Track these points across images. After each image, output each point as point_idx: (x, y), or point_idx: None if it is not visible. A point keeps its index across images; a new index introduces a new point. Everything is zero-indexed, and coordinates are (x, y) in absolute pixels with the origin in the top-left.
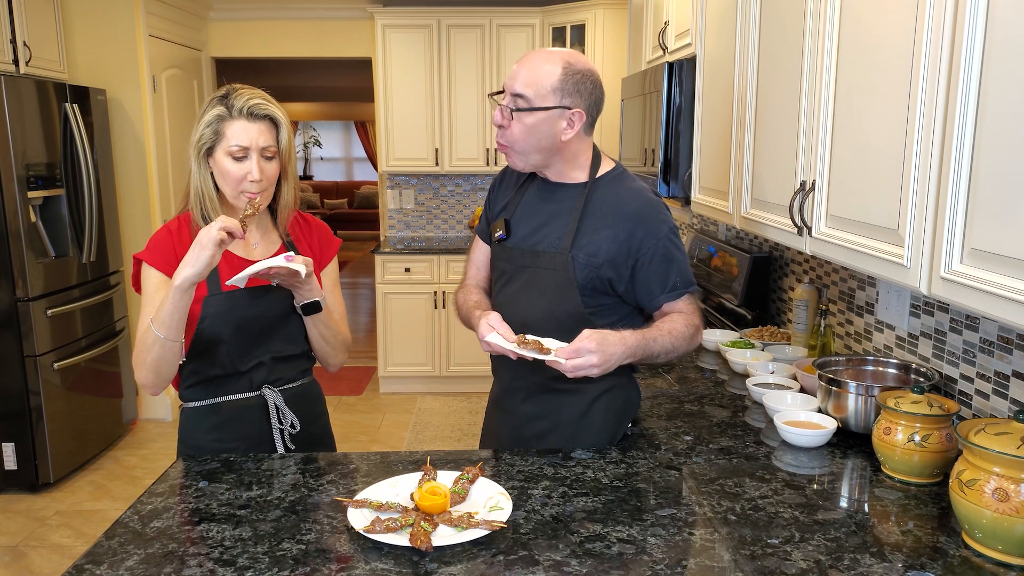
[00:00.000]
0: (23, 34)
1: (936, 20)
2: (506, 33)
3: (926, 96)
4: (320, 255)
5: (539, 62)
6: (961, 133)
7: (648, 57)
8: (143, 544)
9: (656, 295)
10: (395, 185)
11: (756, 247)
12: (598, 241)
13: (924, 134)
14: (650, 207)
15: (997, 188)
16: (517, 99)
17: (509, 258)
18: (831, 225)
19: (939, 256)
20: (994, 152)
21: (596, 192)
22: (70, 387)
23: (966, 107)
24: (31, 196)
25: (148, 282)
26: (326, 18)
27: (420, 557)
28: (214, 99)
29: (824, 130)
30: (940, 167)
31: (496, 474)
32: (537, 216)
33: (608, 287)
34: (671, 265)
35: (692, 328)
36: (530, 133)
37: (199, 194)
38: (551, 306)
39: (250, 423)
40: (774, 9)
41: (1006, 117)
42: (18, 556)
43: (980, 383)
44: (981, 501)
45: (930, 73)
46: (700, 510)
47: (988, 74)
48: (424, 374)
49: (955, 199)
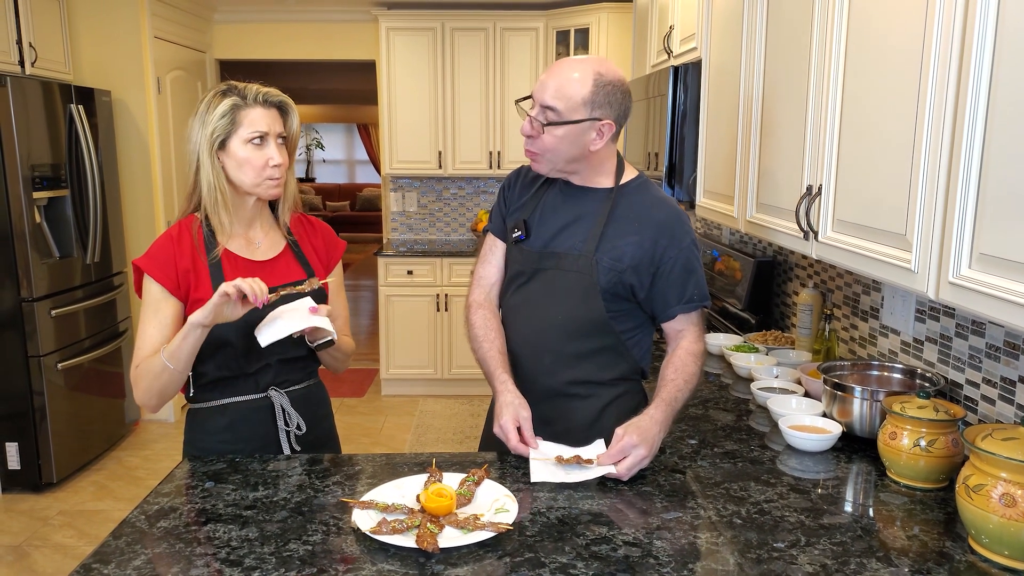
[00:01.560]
0: (29, 35)
1: (946, 21)
2: (510, 37)
3: (935, 99)
4: (326, 258)
5: (569, 73)
6: (970, 137)
7: (653, 61)
8: (150, 544)
9: (672, 305)
10: (398, 188)
11: (760, 251)
12: (623, 246)
13: (933, 137)
14: (676, 217)
15: (1006, 192)
16: (547, 111)
17: (526, 259)
18: (838, 230)
19: (947, 261)
20: (1003, 156)
21: (622, 199)
22: (73, 387)
23: (975, 110)
24: (36, 197)
25: (148, 293)
26: (330, 21)
27: (426, 558)
28: (216, 94)
29: (831, 133)
30: (949, 171)
31: (502, 476)
32: (559, 219)
33: (630, 293)
34: (690, 276)
35: (700, 359)
36: (560, 143)
37: (213, 190)
38: (572, 309)
39: (256, 425)
40: (781, 13)
41: (1016, 121)
42: (21, 556)
43: (986, 388)
44: (988, 506)
45: (939, 74)
46: (705, 514)
47: (998, 77)
48: (426, 376)
49: (964, 203)
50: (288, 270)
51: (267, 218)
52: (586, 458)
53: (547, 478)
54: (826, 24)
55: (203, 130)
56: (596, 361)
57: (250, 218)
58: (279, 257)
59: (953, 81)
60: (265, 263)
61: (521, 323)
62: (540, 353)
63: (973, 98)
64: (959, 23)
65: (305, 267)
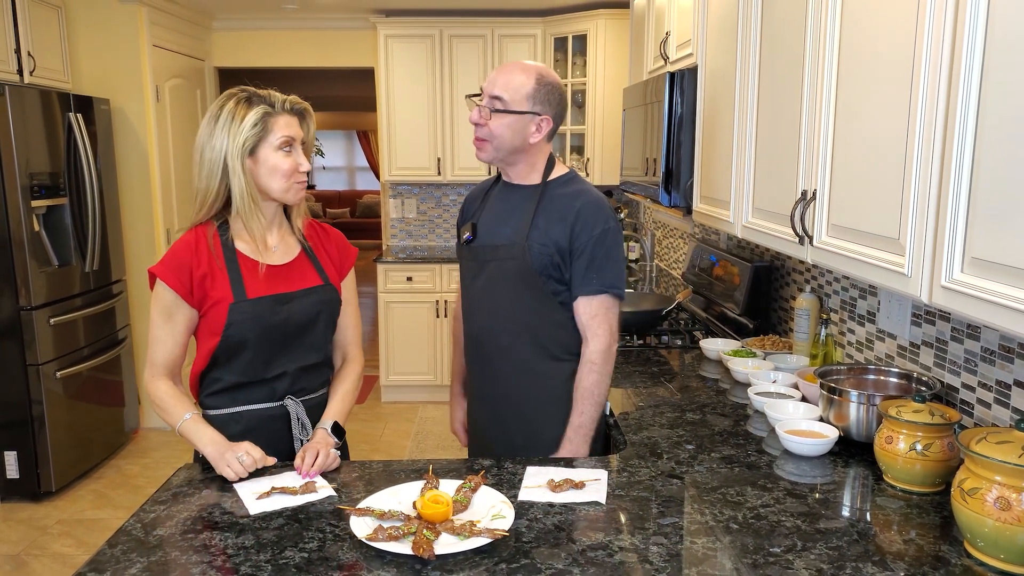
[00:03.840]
0: (28, 44)
1: (936, 29)
2: (508, 43)
3: (926, 105)
4: (339, 265)
5: (515, 72)
6: (961, 142)
7: (649, 67)
8: (146, 552)
9: (576, 286)
10: (397, 194)
11: (757, 256)
12: (550, 232)
13: (924, 143)
14: (592, 206)
15: (997, 197)
16: (495, 101)
17: (474, 257)
18: (832, 234)
19: (940, 265)
20: (994, 161)
21: (548, 192)
22: (72, 396)
23: (966, 115)
24: (35, 205)
25: (161, 300)
26: (329, 28)
27: (423, 565)
28: (239, 102)
29: (825, 139)
30: (940, 176)
31: (498, 483)
32: (497, 217)
33: (560, 274)
34: (593, 262)
35: (597, 364)
36: (504, 131)
37: (245, 196)
38: (516, 292)
39: (270, 433)
40: (774, 19)
41: (1006, 126)
42: (19, 565)
43: (981, 392)
44: (983, 510)
45: (930, 81)
46: (702, 518)
47: (988, 82)
48: (426, 383)
49: (955, 208)
50: (304, 275)
51: (282, 223)
52: (577, 480)
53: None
54: (819, 31)
55: (232, 139)
56: (550, 337)
57: (269, 223)
58: (294, 262)
59: (944, 87)
60: (281, 267)
61: (479, 313)
62: (498, 335)
63: (963, 103)
64: (949, 30)
65: (319, 272)
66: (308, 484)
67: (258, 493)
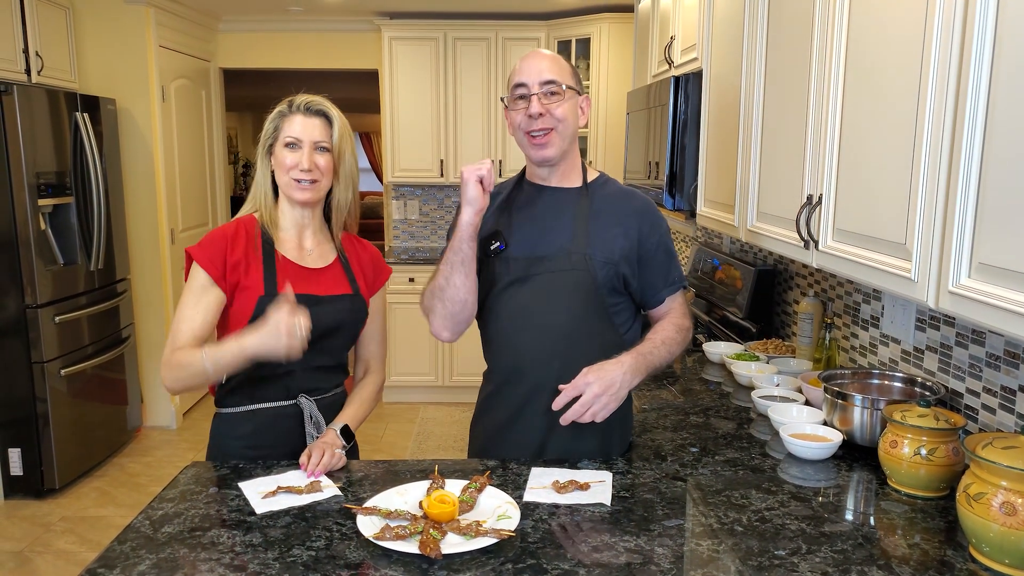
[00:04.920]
0: (35, 44)
1: (944, 34)
2: (512, 46)
3: (934, 109)
4: (372, 281)
5: (548, 57)
6: (970, 146)
7: (654, 71)
8: (155, 549)
9: (660, 288)
10: (400, 196)
11: (761, 260)
12: (610, 240)
13: (932, 147)
14: (650, 204)
15: (1005, 202)
16: (549, 85)
17: (514, 268)
18: (838, 239)
19: (947, 270)
20: (1002, 166)
21: (595, 194)
22: (76, 394)
23: (974, 120)
24: (41, 204)
25: (194, 280)
26: (333, 30)
27: (429, 564)
28: (280, 104)
29: (831, 143)
30: (948, 181)
31: (504, 483)
32: (537, 223)
33: (623, 285)
34: (671, 259)
35: (683, 332)
36: (568, 114)
37: (258, 188)
38: (573, 310)
39: (283, 431)
40: (781, 23)
41: (1015, 130)
42: (23, 562)
43: (986, 397)
44: (988, 515)
45: (938, 86)
46: (706, 521)
47: (996, 86)
48: (427, 384)
49: (963, 213)
50: (335, 281)
51: (320, 229)
52: (582, 481)
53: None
54: (826, 34)
55: (262, 139)
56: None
57: (300, 224)
58: (328, 268)
59: (952, 91)
60: (314, 271)
61: (523, 334)
62: (549, 360)
63: (972, 108)
64: (957, 35)
65: (352, 282)
66: (313, 483)
67: (264, 492)
